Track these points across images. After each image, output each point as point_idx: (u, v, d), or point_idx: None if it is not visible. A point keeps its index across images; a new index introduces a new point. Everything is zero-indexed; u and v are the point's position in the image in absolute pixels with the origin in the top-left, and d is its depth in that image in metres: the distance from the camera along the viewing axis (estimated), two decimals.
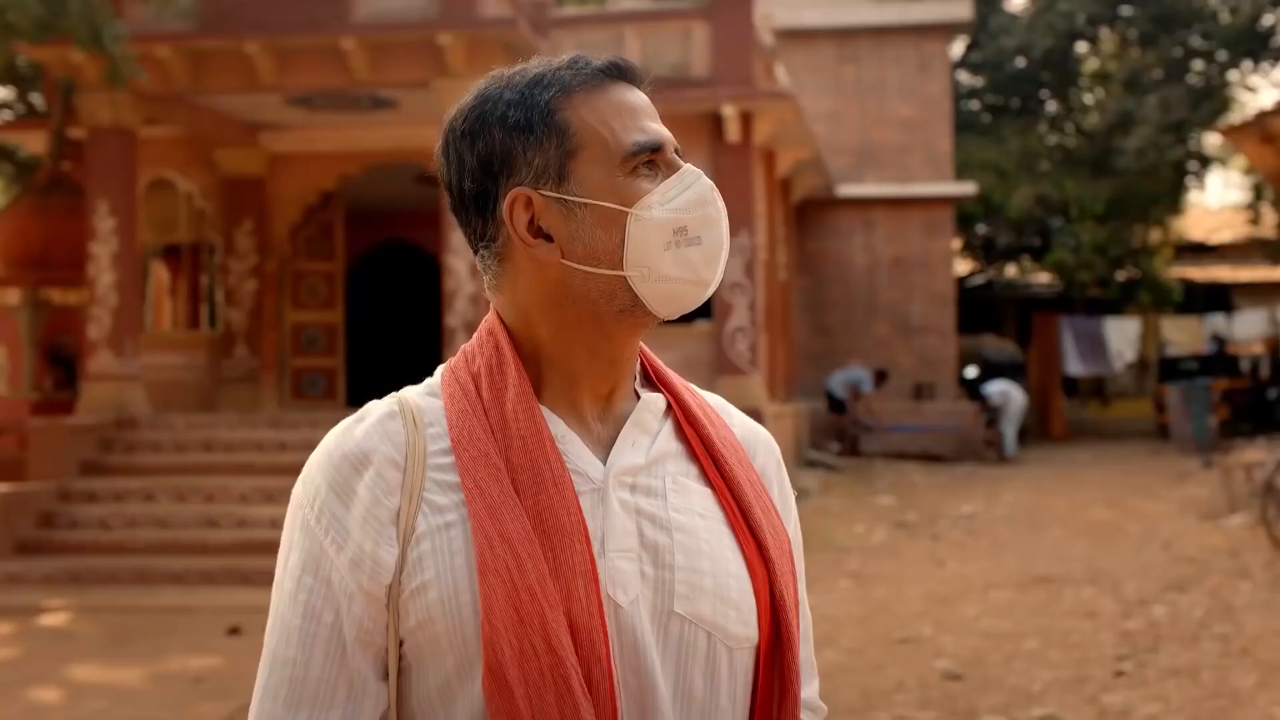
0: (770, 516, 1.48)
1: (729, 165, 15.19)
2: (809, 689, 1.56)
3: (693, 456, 1.48)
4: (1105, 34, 27.70)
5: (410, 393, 1.46)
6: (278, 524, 8.48)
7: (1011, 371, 23.86)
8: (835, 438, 20.51)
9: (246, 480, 11.81)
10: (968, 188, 23.15)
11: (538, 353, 1.44)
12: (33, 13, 10.33)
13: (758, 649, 1.44)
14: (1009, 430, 20.38)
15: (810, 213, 22.22)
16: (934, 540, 12.29)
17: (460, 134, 1.44)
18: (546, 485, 1.36)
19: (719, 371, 15.15)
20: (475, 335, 1.49)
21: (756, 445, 1.57)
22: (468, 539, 1.34)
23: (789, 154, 17.71)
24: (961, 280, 27.06)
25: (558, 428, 1.41)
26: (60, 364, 13.83)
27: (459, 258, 12.82)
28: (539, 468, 1.37)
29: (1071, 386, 27.21)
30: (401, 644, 1.36)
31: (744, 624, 1.42)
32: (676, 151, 1.45)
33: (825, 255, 22.60)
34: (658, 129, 1.44)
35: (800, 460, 18.23)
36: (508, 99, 1.42)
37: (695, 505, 1.44)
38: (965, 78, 29.55)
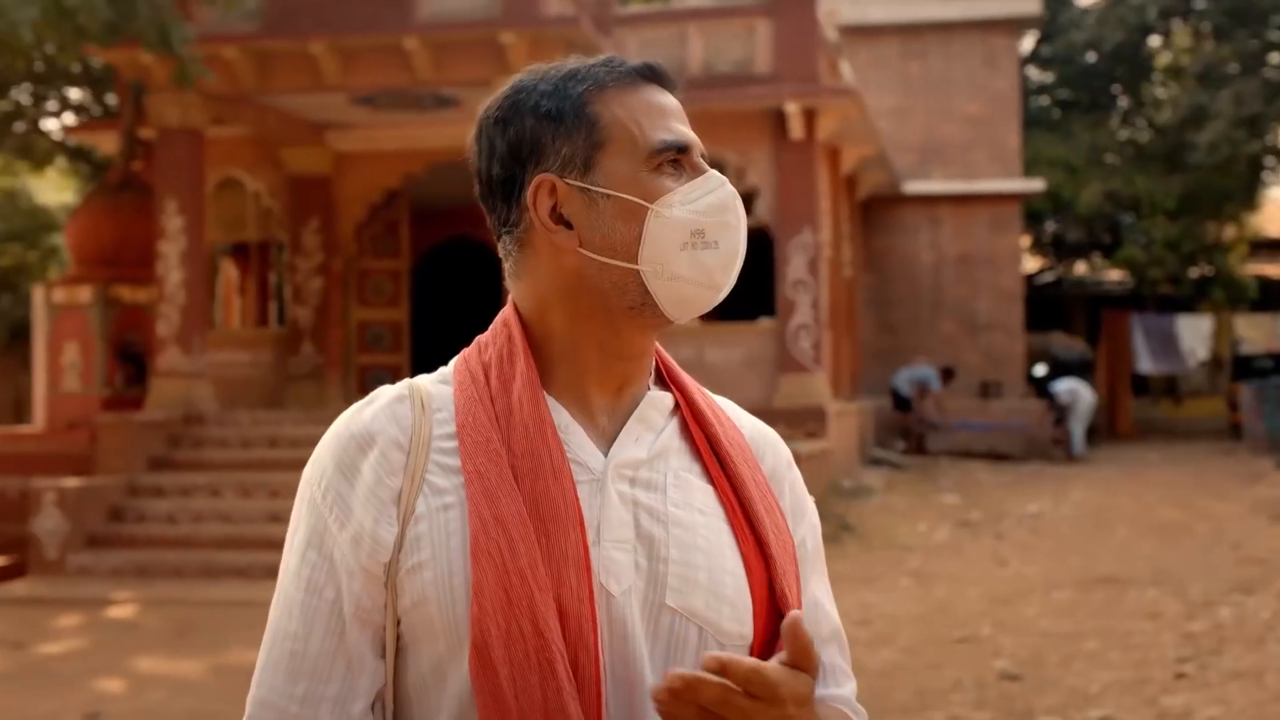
0: (774, 516, 1.49)
1: (792, 162, 15.14)
2: (843, 690, 1.54)
3: (696, 454, 1.49)
4: (1178, 27, 27.29)
5: (422, 379, 1.50)
6: None
7: (1081, 369, 23.59)
8: (901, 435, 20.38)
9: None
10: (1036, 184, 22.90)
11: (549, 343, 1.46)
12: (102, 16, 10.49)
13: (753, 647, 1.44)
14: (1077, 429, 20.15)
15: (876, 210, 22.09)
16: (997, 539, 12.19)
17: (493, 120, 1.47)
18: (545, 473, 1.38)
19: (782, 369, 15.11)
20: (491, 326, 1.51)
21: (765, 447, 1.58)
22: (464, 521, 1.36)
23: (853, 151, 17.61)
24: (1030, 277, 26.77)
25: (562, 418, 1.43)
26: (130, 361, 14.03)
27: None
28: (539, 455, 1.38)
29: (1144, 385, 26.85)
30: (399, 622, 1.38)
31: (738, 621, 1.42)
32: (703, 157, 1.47)
33: (891, 252, 22.45)
34: (686, 131, 1.46)
35: (865, 458, 18.14)
36: (542, 89, 1.46)
37: (695, 501, 1.45)
38: (1034, 73, 29.24)
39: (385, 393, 1.46)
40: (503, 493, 1.36)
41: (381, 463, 1.40)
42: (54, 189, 26.28)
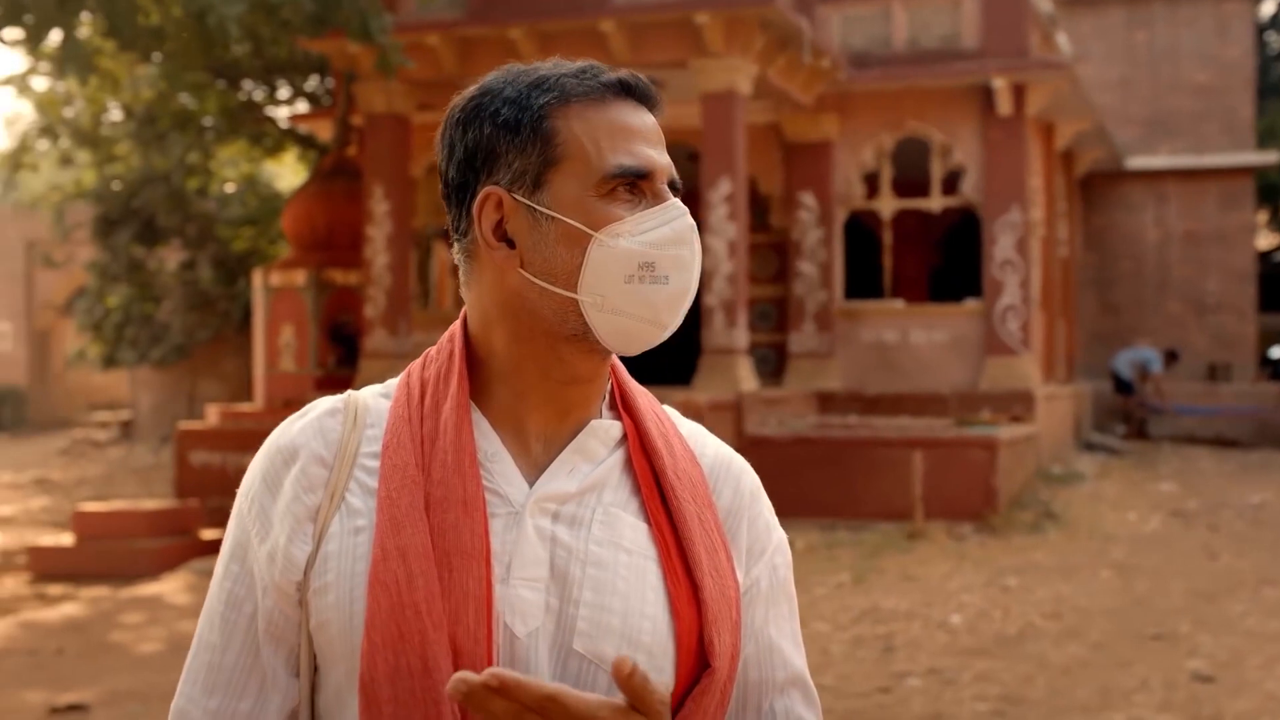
0: (716, 557, 1.38)
1: (999, 139, 14.70)
2: None
3: (637, 489, 1.40)
4: None
5: (365, 391, 1.45)
6: None
7: None
8: (1121, 420, 19.65)
9: None
10: (1271, 157, 21.77)
11: (491, 361, 1.40)
12: (306, 8, 10.82)
13: (673, 697, 1.32)
14: None
15: (1096, 186, 21.31)
16: (1211, 531, 11.63)
17: (456, 122, 1.41)
18: (454, 503, 1.31)
19: (988, 352, 14.71)
20: (441, 339, 1.45)
21: (725, 479, 1.47)
22: (371, 547, 1.32)
23: (1069, 125, 16.99)
24: (1265, 255, 25.47)
25: (491, 445, 1.37)
26: (341, 341, 14.49)
27: (717, 236, 12.80)
28: (452, 485, 1.32)
29: None
30: (312, 641, 1.35)
31: (654, 669, 1.32)
32: (673, 185, 1.38)
33: (1112, 230, 21.64)
34: (651, 155, 1.37)
35: (1079, 443, 17.55)
36: (506, 95, 1.38)
37: (623, 540, 1.36)
38: (1273, 40, 27.77)
39: (320, 405, 1.42)
40: (409, 522, 1.30)
41: (301, 478, 1.36)
42: (292, 175, 27.27)
